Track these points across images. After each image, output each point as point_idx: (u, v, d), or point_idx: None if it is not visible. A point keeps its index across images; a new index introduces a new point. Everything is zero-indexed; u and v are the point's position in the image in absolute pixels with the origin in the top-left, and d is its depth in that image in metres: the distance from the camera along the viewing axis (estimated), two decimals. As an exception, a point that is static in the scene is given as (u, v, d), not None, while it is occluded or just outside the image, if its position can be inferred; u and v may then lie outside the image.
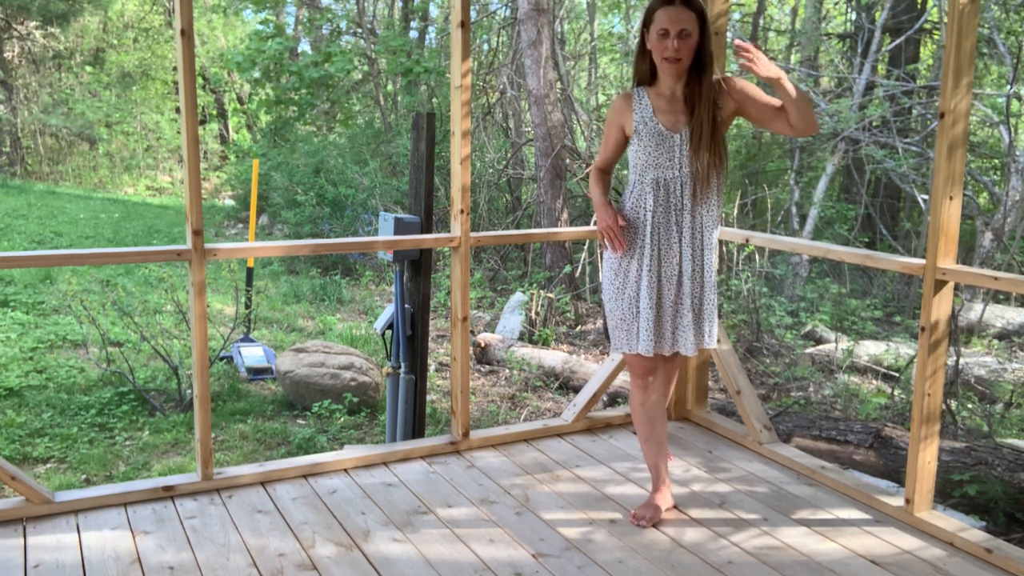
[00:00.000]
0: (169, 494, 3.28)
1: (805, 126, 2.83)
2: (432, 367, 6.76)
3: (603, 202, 3.09)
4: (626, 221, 3.02)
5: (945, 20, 4.43)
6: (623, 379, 5.64)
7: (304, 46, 17.34)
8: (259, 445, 5.20)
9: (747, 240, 3.93)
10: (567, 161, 9.07)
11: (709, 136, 2.90)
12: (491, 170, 10.87)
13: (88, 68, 20.54)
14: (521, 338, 7.40)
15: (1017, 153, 7.78)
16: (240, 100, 21.96)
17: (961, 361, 5.68)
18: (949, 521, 3.08)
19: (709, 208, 2.98)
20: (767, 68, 2.73)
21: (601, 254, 3.18)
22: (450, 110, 3.55)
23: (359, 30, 15.26)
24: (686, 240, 2.99)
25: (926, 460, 3.10)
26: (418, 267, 4.32)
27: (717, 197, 3.00)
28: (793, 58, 12.66)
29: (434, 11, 16.13)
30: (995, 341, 7.23)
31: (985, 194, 9.81)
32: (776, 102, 2.91)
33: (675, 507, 3.26)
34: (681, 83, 2.95)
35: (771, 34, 13.41)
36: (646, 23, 2.92)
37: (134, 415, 5.55)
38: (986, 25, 8.08)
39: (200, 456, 3.29)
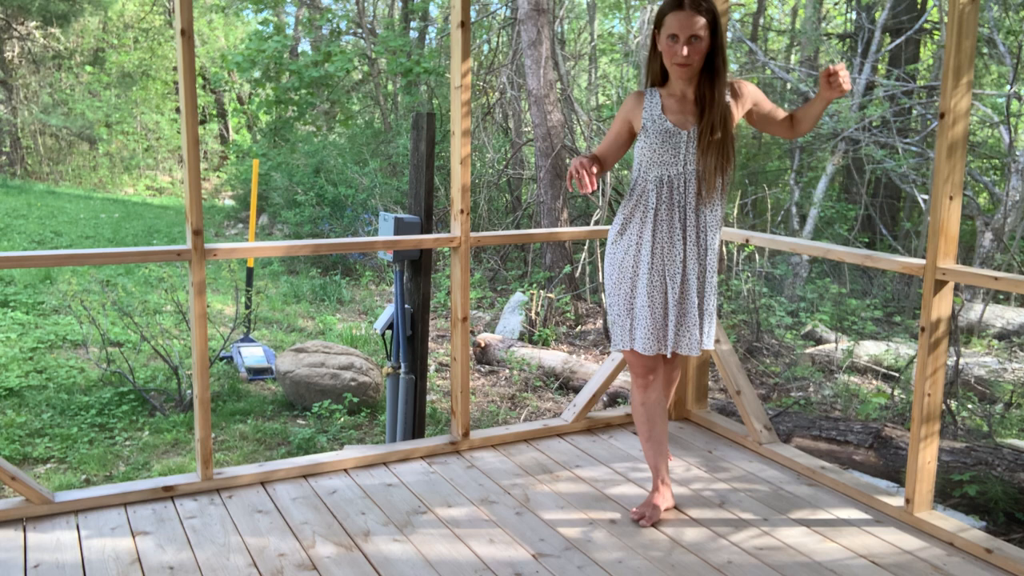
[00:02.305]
0: (169, 494, 3.28)
1: (805, 131, 3.04)
2: (432, 367, 6.76)
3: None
4: (598, 163, 2.95)
5: (945, 20, 4.43)
6: (623, 379, 5.64)
7: (304, 46, 17.35)
8: (259, 445, 5.20)
9: (747, 240, 3.93)
10: (567, 161, 9.06)
11: (718, 138, 2.89)
12: (491, 170, 10.87)
13: (88, 68, 20.55)
14: (521, 338, 7.40)
15: (1017, 153, 7.78)
16: (240, 100, 21.97)
17: (961, 361, 5.68)
18: (949, 521, 3.08)
19: (713, 209, 2.97)
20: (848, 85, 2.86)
21: (602, 253, 3.18)
22: (450, 110, 3.55)
23: (359, 30, 15.26)
24: (691, 239, 2.97)
25: (926, 460, 3.10)
26: (418, 267, 4.32)
27: (721, 200, 2.99)
28: (793, 58, 12.67)
29: (434, 11, 16.14)
30: (995, 341, 7.23)
31: (985, 194, 9.81)
32: (779, 112, 3.04)
33: (675, 507, 3.26)
34: (692, 85, 2.93)
35: (771, 34, 13.41)
36: (657, 25, 2.88)
37: (134, 415, 5.55)
38: (986, 25, 8.08)
39: (200, 456, 3.29)
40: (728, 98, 2.94)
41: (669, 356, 3.07)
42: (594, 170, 2.84)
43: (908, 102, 9.05)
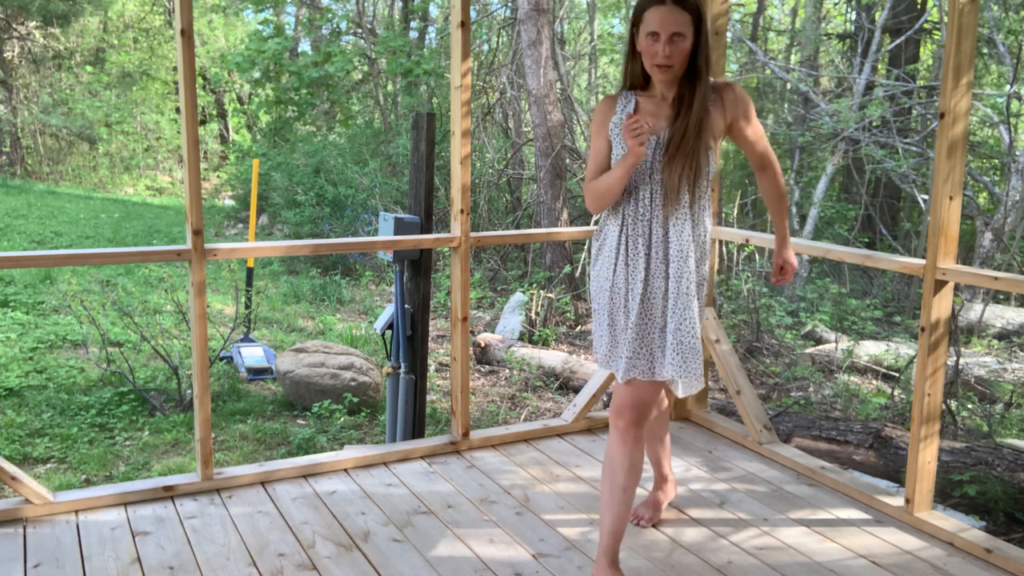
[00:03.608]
0: (169, 494, 3.28)
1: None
2: (432, 367, 6.76)
3: (616, 165, 2.63)
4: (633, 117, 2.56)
5: (945, 20, 4.43)
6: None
7: (304, 46, 17.34)
8: (259, 445, 5.20)
9: (747, 240, 3.93)
10: (567, 161, 9.07)
11: (690, 146, 2.57)
12: (491, 170, 10.87)
13: (88, 68, 20.55)
14: (521, 338, 7.40)
15: (1017, 153, 7.78)
16: (240, 100, 21.97)
17: (961, 361, 5.68)
18: (949, 521, 3.09)
19: (678, 222, 2.62)
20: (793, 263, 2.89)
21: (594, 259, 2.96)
22: (450, 110, 3.55)
23: (359, 30, 15.26)
24: (656, 256, 2.65)
25: (926, 460, 3.10)
26: (418, 267, 4.32)
27: (698, 212, 2.66)
28: (793, 58, 12.66)
29: (434, 11, 16.14)
30: (995, 341, 7.23)
31: (985, 194, 9.81)
32: (761, 146, 2.77)
33: (672, 506, 3.26)
34: (673, 89, 2.63)
35: (771, 34, 13.41)
36: (635, 22, 2.59)
37: (134, 415, 5.55)
38: (986, 25, 8.08)
39: (200, 456, 3.30)
40: (712, 103, 2.63)
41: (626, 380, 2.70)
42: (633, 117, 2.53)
43: (908, 102, 9.05)
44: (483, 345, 6.87)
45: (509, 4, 11.77)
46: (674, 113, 2.61)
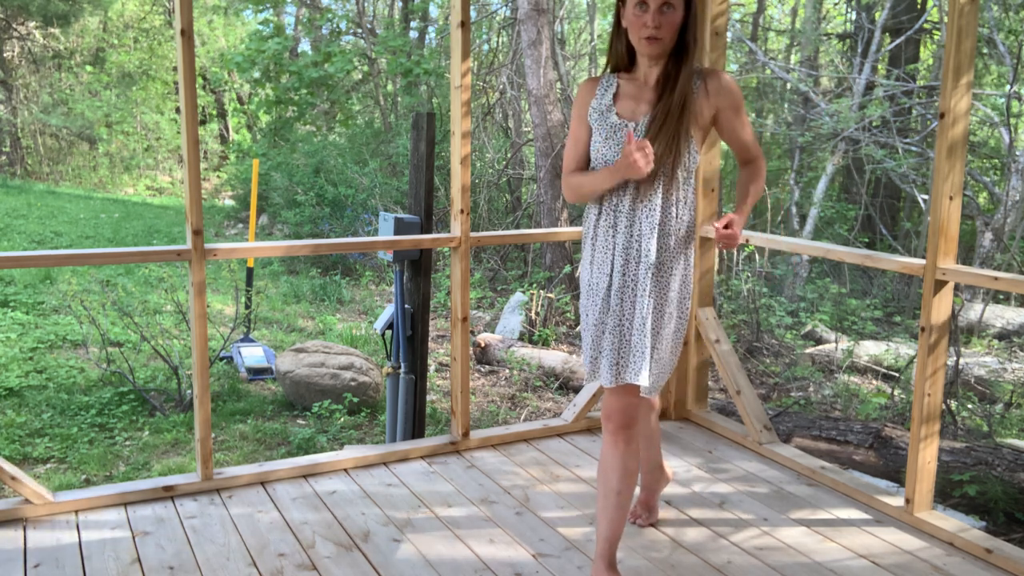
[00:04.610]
0: (169, 494, 3.28)
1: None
2: (432, 367, 6.76)
3: (606, 168, 2.48)
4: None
5: (945, 20, 4.44)
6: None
7: (304, 46, 17.34)
8: (259, 445, 5.20)
9: (747, 240, 3.93)
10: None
11: (672, 128, 2.43)
12: (491, 170, 10.87)
13: (88, 68, 20.55)
14: (521, 338, 7.40)
15: (1017, 153, 7.78)
16: (240, 100, 21.97)
17: (961, 361, 5.68)
18: (949, 521, 3.09)
19: (650, 212, 2.49)
20: (739, 231, 2.44)
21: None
22: (450, 110, 3.55)
23: (359, 30, 15.26)
24: (619, 248, 2.52)
25: (926, 460, 3.10)
26: (418, 267, 4.32)
27: (671, 204, 2.51)
28: (793, 58, 12.67)
29: (434, 11, 16.14)
30: (995, 341, 7.23)
31: (985, 194, 9.81)
32: (745, 137, 2.59)
33: (672, 506, 3.25)
34: (658, 68, 2.49)
35: (771, 34, 13.42)
36: None
37: (134, 415, 5.55)
38: (986, 25, 8.08)
39: (200, 456, 3.30)
40: (697, 86, 2.49)
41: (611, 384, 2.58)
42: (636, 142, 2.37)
43: (908, 102, 9.06)
44: (483, 345, 6.87)
45: (509, 4, 11.77)
46: (656, 97, 2.48)
